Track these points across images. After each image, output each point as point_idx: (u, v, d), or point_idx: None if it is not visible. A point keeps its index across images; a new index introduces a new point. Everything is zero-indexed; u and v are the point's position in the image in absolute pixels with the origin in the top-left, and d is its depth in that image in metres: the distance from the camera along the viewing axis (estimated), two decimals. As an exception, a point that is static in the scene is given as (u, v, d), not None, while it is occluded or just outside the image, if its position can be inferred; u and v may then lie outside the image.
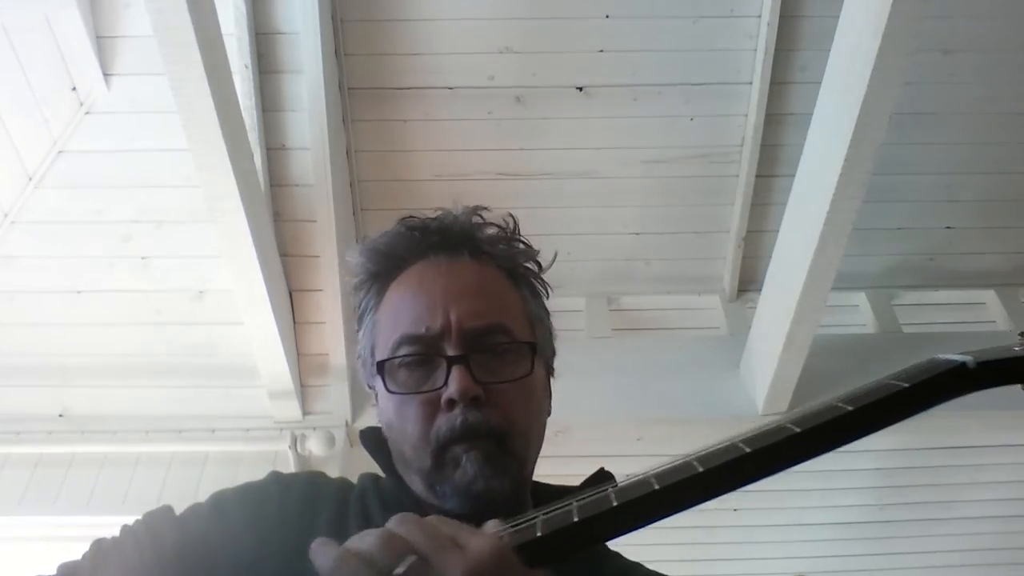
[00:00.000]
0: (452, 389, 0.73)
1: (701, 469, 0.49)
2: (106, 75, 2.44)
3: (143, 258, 2.68)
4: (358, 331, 0.86)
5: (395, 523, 0.53)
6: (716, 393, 2.66)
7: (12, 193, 2.56)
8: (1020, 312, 2.96)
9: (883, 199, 2.74)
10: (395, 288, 0.82)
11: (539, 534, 0.50)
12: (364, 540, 0.51)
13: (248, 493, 0.79)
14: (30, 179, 2.56)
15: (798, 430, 0.50)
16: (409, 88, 2.63)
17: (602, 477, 0.78)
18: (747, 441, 0.50)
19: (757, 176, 2.77)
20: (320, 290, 2.65)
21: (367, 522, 0.74)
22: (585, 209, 2.83)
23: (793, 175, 2.37)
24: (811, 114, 2.25)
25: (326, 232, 2.54)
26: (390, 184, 2.79)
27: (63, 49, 2.39)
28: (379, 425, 0.82)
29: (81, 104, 2.49)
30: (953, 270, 3.01)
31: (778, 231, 2.48)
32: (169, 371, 2.75)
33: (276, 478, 0.82)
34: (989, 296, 3.02)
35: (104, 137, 2.52)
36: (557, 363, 0.86)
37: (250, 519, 0.75)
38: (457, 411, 0.72)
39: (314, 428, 2.65)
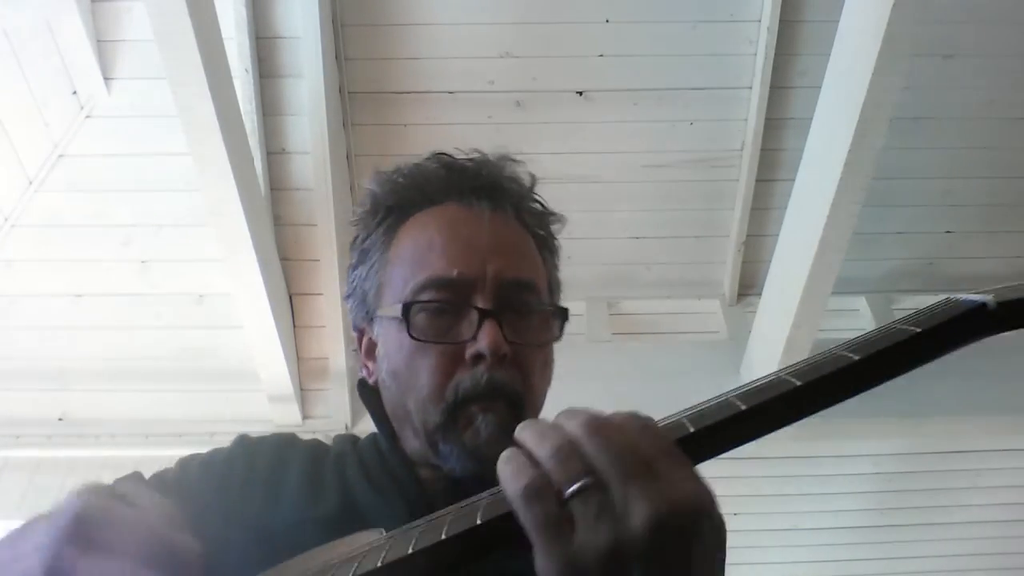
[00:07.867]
0: (483, 344, 0.67)
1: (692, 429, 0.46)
2: (107, 79, 2.45)
3: (143, 262, 2.68)
4: (356, 266, 0.79)
5: (580, 427, 0.44)
6: (716, 397, 2.66)
7: (12, 197, 2.56)
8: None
9: (883, 203, 2.74)
10: (416, 226, 0.76)
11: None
12: (544, 439, 0.45)
13: (213, 461, 0.76)
14: (30, 183, 2.56)
15: (798, 383, 0.45)
16: (409, 92, 2.63)
17: None
18: (741, 397, 0.46)
19: (757, 180, 2.77)
20: (320, 294, 2.65)
21: (344, 488, 0.72)
22: (585, 213, 2.82)
23: (793, 179, 2.37)
24: (811, 118, 2.25)
25: (326, 236, 2.54)
26: (390, 188, 2.79)
27: (64, 53, 2.39)
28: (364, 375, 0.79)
29: (82, 108, 2.49)
30: (953, 274, 3.01)
31: (778, 235, 2.48)
32: (169, 375, 2.75)
33: (242, 441, 0.78)
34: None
35: (104, 141, 2.52)
36: (556, 367, 0.85)
37: (215, 487, 0.72)
38: (482, 367, 0.68)
39: (314, 432, 2.64)
